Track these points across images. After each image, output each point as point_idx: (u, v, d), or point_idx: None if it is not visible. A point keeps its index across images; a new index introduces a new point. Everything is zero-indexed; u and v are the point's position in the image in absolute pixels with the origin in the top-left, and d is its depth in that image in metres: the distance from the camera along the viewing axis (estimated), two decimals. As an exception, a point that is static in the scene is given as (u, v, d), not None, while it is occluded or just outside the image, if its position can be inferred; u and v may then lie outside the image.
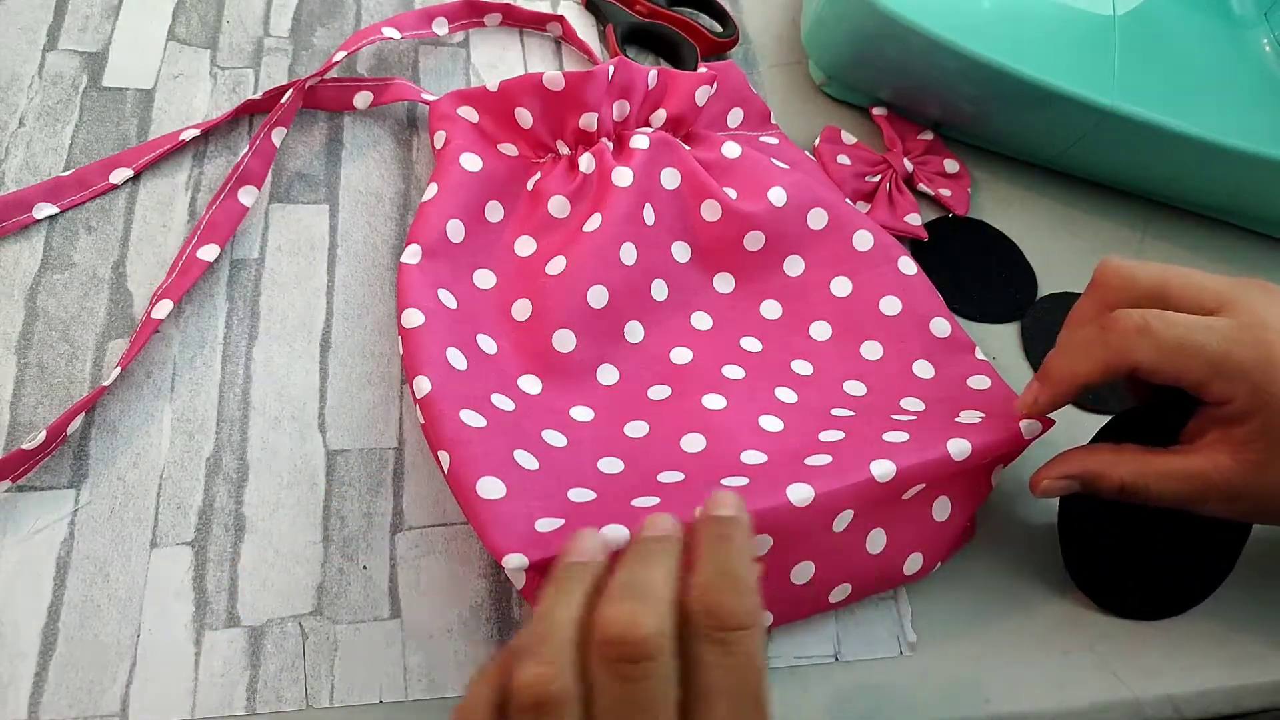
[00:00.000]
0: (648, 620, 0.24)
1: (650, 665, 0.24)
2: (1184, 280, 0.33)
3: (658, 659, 0.24)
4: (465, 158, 0.41)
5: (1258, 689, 0.38)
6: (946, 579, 0.38)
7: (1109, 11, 0.46)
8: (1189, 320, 0.32)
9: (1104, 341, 0.33)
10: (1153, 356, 0.32)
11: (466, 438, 0.34)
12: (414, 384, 0.35)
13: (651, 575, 0.25)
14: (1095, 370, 0.33)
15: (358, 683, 0.34)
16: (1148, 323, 0.32)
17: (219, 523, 0.36)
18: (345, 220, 0.43)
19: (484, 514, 0.32)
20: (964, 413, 0.38)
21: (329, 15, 0.50)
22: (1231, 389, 0.31)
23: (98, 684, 0.32)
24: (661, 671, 0.24)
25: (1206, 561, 0.38)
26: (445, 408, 0.34)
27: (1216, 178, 0.47)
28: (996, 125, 0.49)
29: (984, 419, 0.37)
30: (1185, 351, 0.31)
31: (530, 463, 0.35)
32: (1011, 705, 0.36)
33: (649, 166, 0.42)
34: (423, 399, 0.35)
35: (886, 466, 0.34)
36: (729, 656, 0.25)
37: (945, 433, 0.35)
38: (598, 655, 0.24)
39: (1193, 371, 0.32)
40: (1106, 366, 0.33)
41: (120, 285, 0.40)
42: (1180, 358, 0.32)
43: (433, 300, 0.37)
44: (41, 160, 0.43)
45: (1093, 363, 0.33)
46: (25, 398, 0.37)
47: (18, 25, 0.47)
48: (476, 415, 0.35)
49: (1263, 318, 0.31)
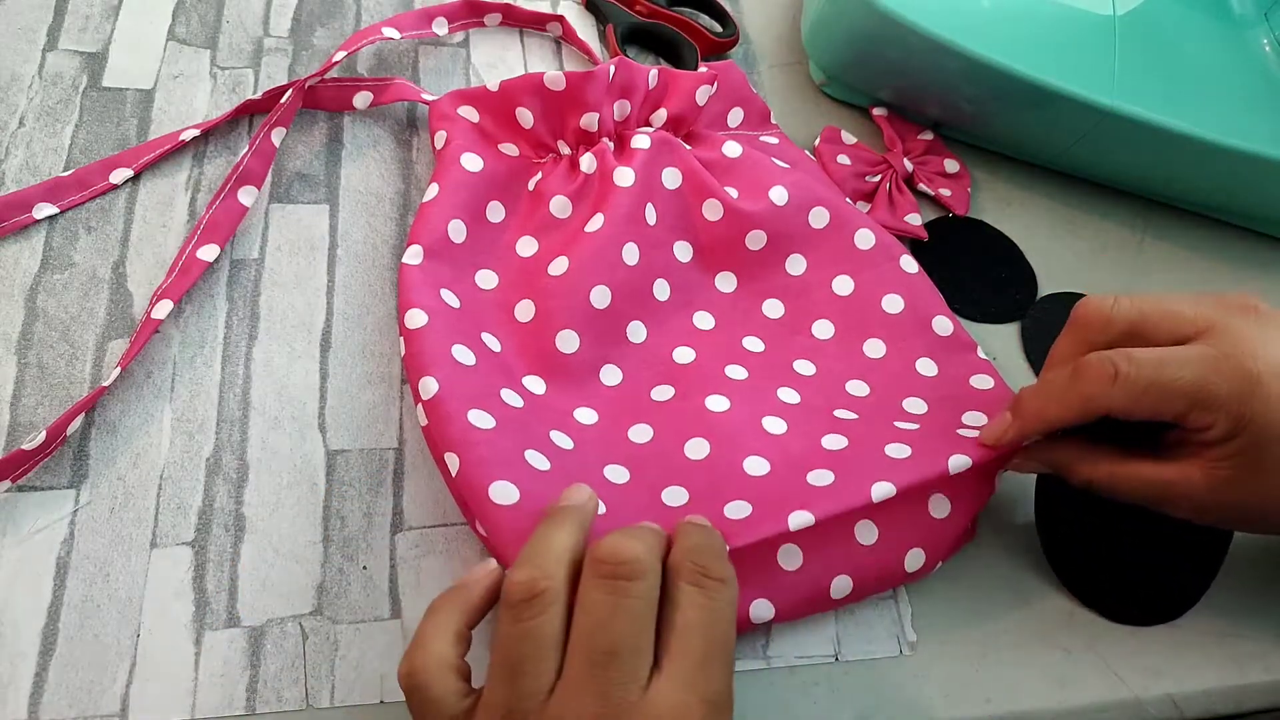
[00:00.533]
0: (639, 545, 0.27)
1: (639, 584, 0.27)
2: (1162, 311, 0.33)
3: (645, 579, 0.27)
4: (466, 158, 0.41)
5: (1260, 688, 0.38)
6: (946, 579, 0.38)
7: (1109, 11, 0.47)
8: (1160, 356, 0.32)
9: (1076, 389, 0.33)
10: (1125, 401, 0.32)
11: (475, 439, 0.34)
12: (419, 385, 0.35)
13: (641, 531, 0.29)
14: (1067, 415, 0.34)
15: (358, 683, 0.34)
16: (1117, 368, 0.32)
17: (219, 523, 0.36)
18: (345, 220, 0.43)
19: (499, 523, 0.32)
20: (967, 415, 0.38)
21: (329, 15, 0.50)
22: (1210, 418, 0.31)
23: (98, 684, 0.32)
24: (647, 592, 0.27)
25: (1190, 563, 0.38)
26: (453, 408, 0.34)
27: (1216, 178, 0.47)
28: (996, 125, 0.49)
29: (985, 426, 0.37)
30: (1158, 390, 0.32)
31: (542, 463, 0.34)
32: (1011, 705, 0.36)
33: (650, 166, 0.42)
34: (429, 400, 0.34)
35: (886, 488, 0.34)
36: (709, 600, 0.27)
37: (946, 447, 0.35)
38: (590, 572, 0.27)
39: (1169, 407, 0.32)
40: (1078, 412, 0.33)
41: (120, 285, 0.40)
42: (1153, 397, 0.32)
43: (436, 300, 0.37)
44: (41, 160, 0.43)
45: (1064, 408, 0.33)
46: (25, 398, 0.37)
47: (18, 25, 0.47)
48: (485, 415, 0.34)
49: (1242, 344, 0.31)
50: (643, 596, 0.27)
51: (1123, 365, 0.32)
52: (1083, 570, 0.38)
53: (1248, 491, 0.32)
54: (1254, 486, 0.32)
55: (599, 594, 0.27)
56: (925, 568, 0.36)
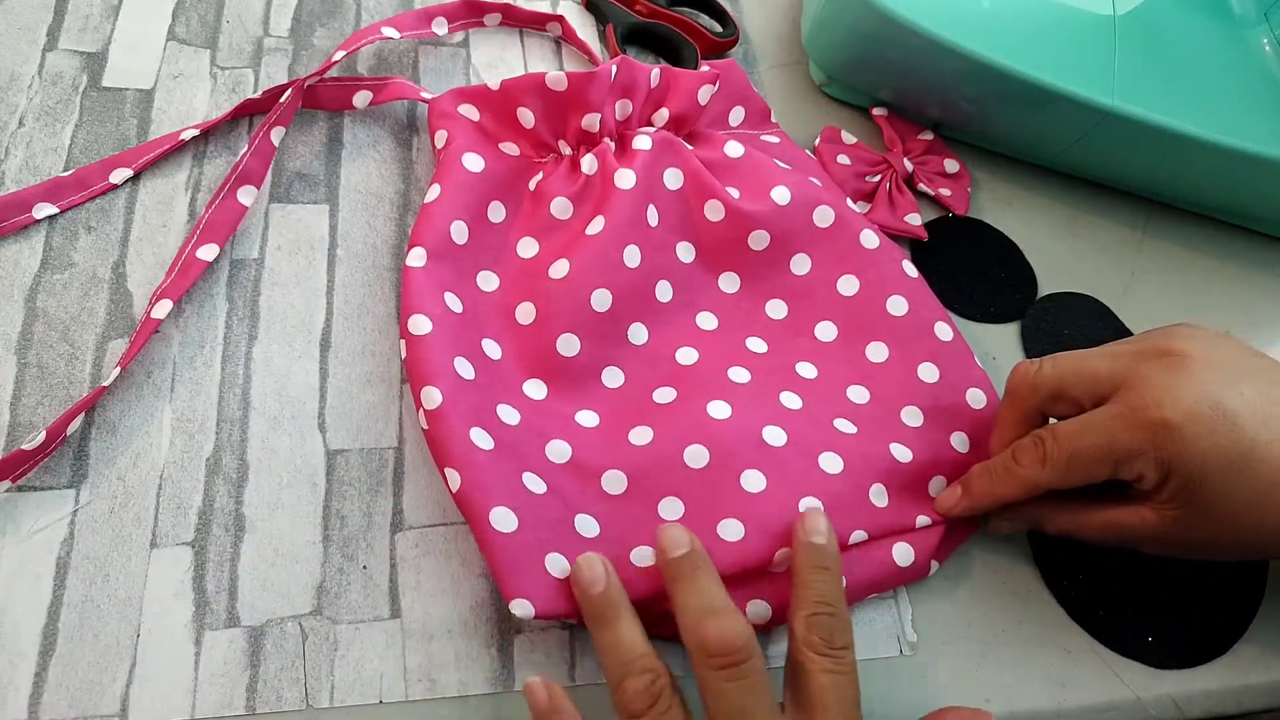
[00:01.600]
0: (739, 624, 0.30)
1: (753, 662, 0.30)
2: (1079, 373, 0.35)
3: (755, 654, 0.30)
4: (468, 157, 0.41)
5: (1260, 688, 0.38)
6: (946, 579, 0.38)
7: (1109, 11, 0.47)
8: (1078, 426, 0.34)
9: (1015, 473, 0.35)
10: (1057, 478, 0.34)
11: (479, 461, 0.34)
12: (422, 394, 0.35)
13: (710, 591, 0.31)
14: (1013, 495, 0.36)
15: (358, 683, 0.34)
16: (1044, 449, 0.35)
17: (219, 523, 0.36)
18: (345, 220, 0.43)
19: (497, 550, 0.33)
20: (954, 436, 0.39)
21: (329, 15, 0.50)
22: (1136, 469, 0.33)
23: (97, 684, 0.32)
24: (760, 665, 0.30)
25: (1222, 608, 0.39)
26: (456, 424, 0.35)
27: (1216, 178, 0.47)
28: (996, 125, 0.49)
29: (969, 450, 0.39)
30: (1080, 460, 0.34)
31: (538, 485, 0.35)
32: (1012, 705, 0.36)
33: (651, 167, 0.41)
34: (433, 411, 0.35)
35: (860, 535, 0.36)
36: (838, 669, 0.31)
37: (919, 504, 0.38)
38: (707, 667, 0.30)
39: (1097, 471, 0.34)
40: (1023, 493, 0.35)
41: (120, 285, 0.40)
42: (1079, 467, 0.34)
43: (440, 305, 0.37)
44: (41, 160, 0.43)
45: (1009, 489, 0.36)
46: (25, 398, 0.37)
47: (18, 25, 0.46)
48: (485, 435, 0.35)
49: (1148, 394, 0.33)
50: (760, 670, 0.30)
51: (1047, 444, 0.34)
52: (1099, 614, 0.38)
53: (1198, 528, 0.33)
54: (1202, 522, 0.33)
55: (724, 683, 0.29)
56: (918, 564, 0.36)
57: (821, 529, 0.33)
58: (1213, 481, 0.32)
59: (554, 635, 0.35)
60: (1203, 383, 0.32)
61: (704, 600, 0.31)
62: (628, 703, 0.30)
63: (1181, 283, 0.49)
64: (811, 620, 0.31)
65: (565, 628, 0.36)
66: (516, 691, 0.34)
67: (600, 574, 0.33)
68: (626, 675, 0.31)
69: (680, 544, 0.32)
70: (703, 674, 0.30)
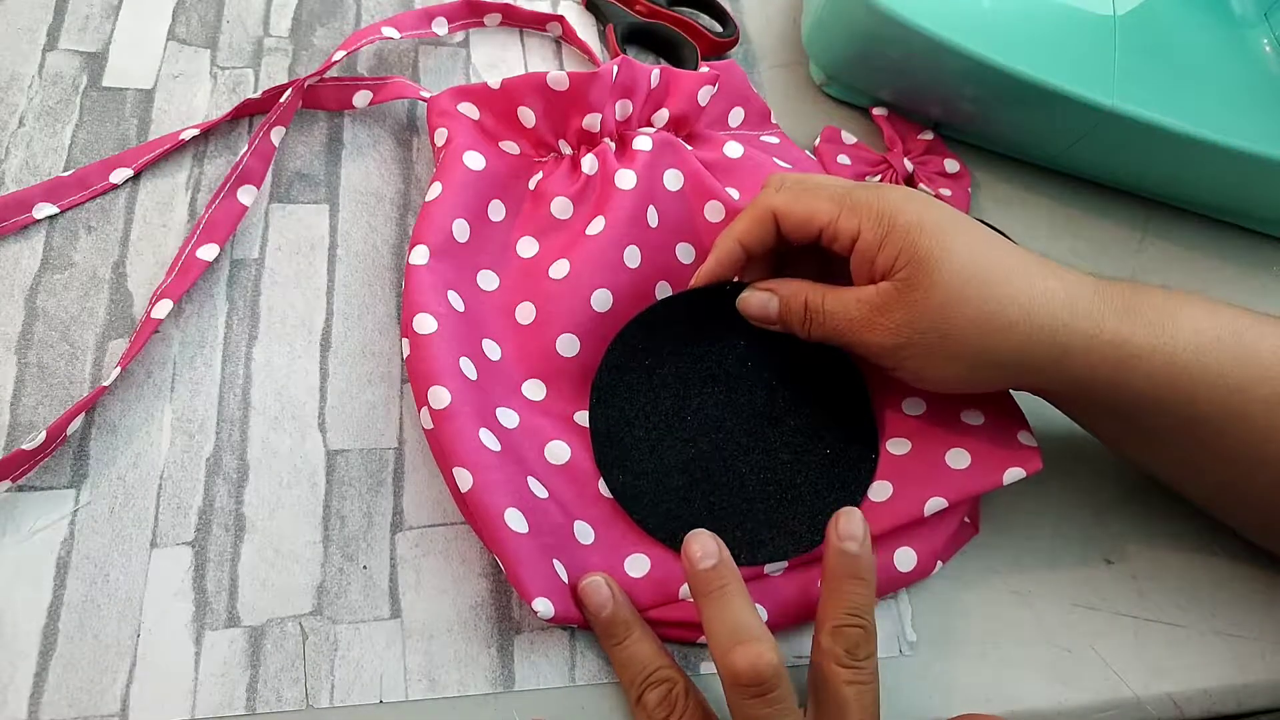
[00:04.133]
0: (766, 650, 0.30)
1: (783, 688, 0.30)
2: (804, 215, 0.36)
3: (784, 679, 0.30)
4: (469, 156, 0.41)
5: (1260, 688, 0.38)
6: (946, 579, 0.38)
7: (1109, 11, 0.46)
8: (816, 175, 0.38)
9: (751, 204, 0.37)
10: (786, 199, 0.36)
11: (490, 461, 0.34)
12: (429, 394, 0.35)
13: (739, 613, 0.31)
14: (745, 225, 0.37)
15: (358, 682, 0.34)
16: (783, 179, 0.37)
17: (219, 523, 0.36)
18: (345, 220, 0.43)
19: (513, 551, 0.34)
20: (951, 453, 0.38)
21: (329, 15, 0.50)
22: (857, 220, 0.34)
23: (98, 684, 0.32)
24: (789, 688, 0.30)
25: None
26: (465, 424, 0.35)
27: (1216, 178, 0.47)
28: (996, 125, 0.49)
29: (969, 466, 0.37)
30: (811, 191, 0.36)
31: (540, 490, 0.36)
32: (1011, 705, 0.36)
33: (652, 168, 0.41)
34: (440, 411, 0.35)
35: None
36: (861, 680, 0.31)
37: (925, 488, 0.37)
38: (739, 696, 0.30)
39: (821, 208, 0.35)
40: (753, 219, 0.37)
41: (120, 285, 0.40)
42: (808, 197, 0.36)
43: (443, 304, 0.37)
44: (41, 160, 0.43)
45: (744, 220, 0.37)
46: (25, 398, 0.37)
47: (18, 25, 0.46)
48: (493, 437, 0.35)
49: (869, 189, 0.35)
50: (788, 696, 0.30)
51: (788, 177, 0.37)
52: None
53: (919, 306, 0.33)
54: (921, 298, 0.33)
55: (755, 710, 0.30)
56: (920, 567, 0.36)
57: (857, 534, 0.32)
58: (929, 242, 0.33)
59: (554, 635, 0.35)
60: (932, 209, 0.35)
61: (733, 624, 0.31)
62: (650, 714, 0.32)
63: (1181, 283, 0.49)
64: (838, 632, 0.31)
65: (566, 628, 0.36)
66: (517, 691, 0.34)
67: (606, 596, 0.34)
68: (645, 689, 0.32)
69: (710, 554, 0.32)
70: (732, 698, 0.30)
